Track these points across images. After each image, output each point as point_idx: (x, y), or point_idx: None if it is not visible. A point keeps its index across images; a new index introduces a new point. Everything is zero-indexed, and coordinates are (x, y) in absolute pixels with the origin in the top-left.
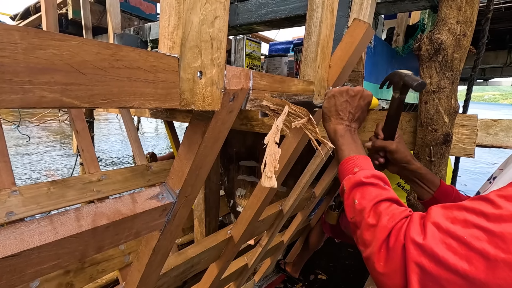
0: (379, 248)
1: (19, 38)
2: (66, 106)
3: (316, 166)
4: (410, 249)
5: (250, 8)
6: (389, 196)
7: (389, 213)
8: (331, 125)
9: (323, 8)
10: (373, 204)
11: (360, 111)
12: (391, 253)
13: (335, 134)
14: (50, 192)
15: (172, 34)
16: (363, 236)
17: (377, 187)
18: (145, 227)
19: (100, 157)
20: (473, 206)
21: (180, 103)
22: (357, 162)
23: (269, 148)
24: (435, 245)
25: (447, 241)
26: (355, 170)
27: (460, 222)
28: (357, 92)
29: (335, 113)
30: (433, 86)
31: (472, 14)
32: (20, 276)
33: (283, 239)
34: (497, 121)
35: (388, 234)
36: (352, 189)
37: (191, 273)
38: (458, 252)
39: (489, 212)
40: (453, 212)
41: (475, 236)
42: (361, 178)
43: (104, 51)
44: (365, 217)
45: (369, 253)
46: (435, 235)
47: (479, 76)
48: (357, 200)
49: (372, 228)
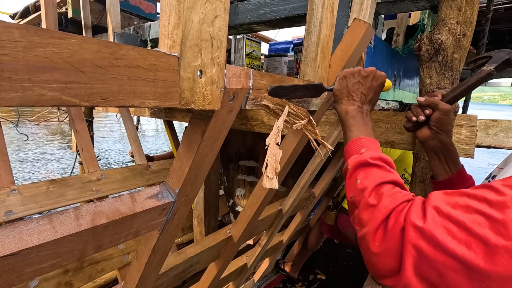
0: (376, 228)
1: (18, 36)
2: (65, 105)
3: (315, 166)
4: (409, 231)
5: (250, 8)
6: (393, 179)
7: (391, 195)
8: (343, 106)
9: (323, 8)
10: (375, 185)
11: (373, 92)
12: (389, 234)
13: (346, 115)
14: (49, 191)
15: (172, 33)
16: (361, 215)
17: (382, 169)
18: (145, 226)
19: (99, 156)
20: (475, 193)
21: (180, 102)
22: (365, 143)
23: (270, 149)
24: (434, 229)
25: (447, 225)
26: (362, 151)
27: (461, 207)
28: (369, 72)
29: (347, 94)
30: (433, 86)
31: (472, 15)
32: (19, 275)
33: (282, 239)
34: (497, 122)
35: (388, 215)
36: (356, 168)
37: (190, 272)
38: (457, 236)
39: (492, 198)
40: (454, 197)
41: (476, 221)
42: (367, 159)
43: (104, 50)
44: (365, 196)
45: (365, 232)
46: (435, 219)
47: None
48: (359, 179)
49: (371, 208)
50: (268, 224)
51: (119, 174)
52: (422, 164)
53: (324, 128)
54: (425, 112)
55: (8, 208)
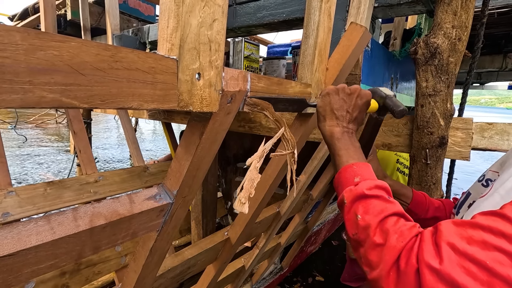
0: (388, 271)
1: (20, 39)
2: (65, 106)
3: (313, 168)
4: (426, 275)
5: (248, 11)
6: (395, 211)
7: (397, 231)
8: (326, 127)
9: (320, 11)
10: (379, 221)
11: (358, 110)
12: (403, 277)
13: (332, 138)
14: (47, 193)
15: (170, 36)
16: (368, 256)
17: (381, 199)
18: (142, 227)
19: (97, 158)
20: (489, 225)
21: (178, 104)
22: (357, 170)
23: (249, 172)
24: (453, 270)
25: (465, 265)
26: (356, 180)
27: (477, 243)
28: (354, 90)
29: (330, 112)
30: (429, 89)
31: (467, 19)
32: (17, 276)
33: (280, 241)
34: (492, 125)
35: (398, 255)
36: (354, 202)
37: (188, 274)
38: (479, 278)
39: (510, 232)
40: (467, 230)
41: (497, 260)
42: (363, 190)
43: (103, 53)
44: (370, 235)
45: (377, 276)
46: (451, 258)
47: (476, 80)
48: (360, 215)
49: (379, 248)
50: (266, 226)
51: (117, 176)
52: (419, 166)
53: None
54: None
55: (5, 210)
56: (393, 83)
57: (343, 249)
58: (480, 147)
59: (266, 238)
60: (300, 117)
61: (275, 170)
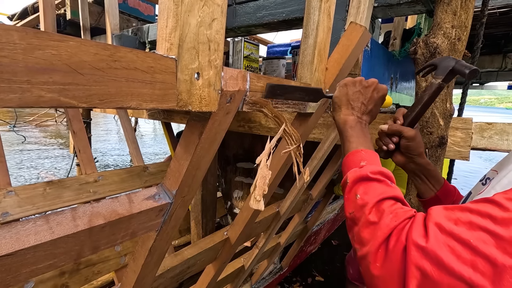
0: (377, 248)
1: (18, 38)
2: (63, 106)
3: (313, 168)
4: (411, 252)
5: (248, 11)
6: (394, 195)
7: (393, 212)
8: (341, 115)
9: (320, 11)
10: (376, 201)
11: (373, 103)
12: (390, 254)
13: (345, 125)
14: (46, 193)
15: (169, 35)
16: (361, 233)
17: (383, 183)
18: (142, 227)
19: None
20: (478, 208)
21: (177, 104)
22: (365, 156)
23: (260, 170)
24: (438, 248)
25: (450, 243)
26: (362, 164)
27: (464, 223)
28: (371, 83)
29: (346, 103)
30: None
31: (467, 19)
32: (15, 275)
33: (280, 241)
34: (492, 125)
35: (389, 233)
36: (356, 182)
37: (188, 274)
38: (462, 256)
39: (497, 215)
40: (455, 213)
41: (481, 239)
42: (367, 173)
43: (102, 52)
44: (366, 213)
45: (366, 252)
46: (438, 237)
47: (475, 80)
48: (359, 194)
49: (372, 226)
50: (265, 226)
51: (117, 175)
52: None
53: (321, 131)
54: (392, 140)
55: (5, 210)
56: (392, 83)
57: (343, 249)
58: (480, 147)
59: (265, 238)
60: (300, 117)
61: (275, 169)
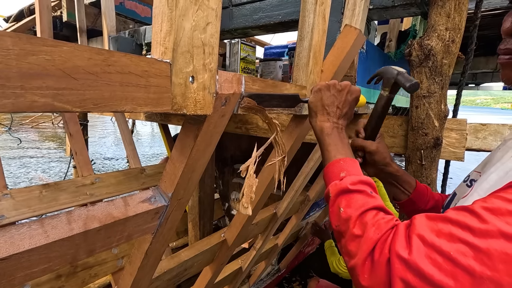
0: (364, 261)
1: (11, 44)
2: (57, 111)
3: (309, 169)
4: (395, 264)
5: (245, 13)
6: (375, 205)
7: (375, 224)
8: (318, 122)
9: (315, 14)
10: (359, 214)
11: (348, 106)
12: (376, 266)
13: (322, 133)
14: (42, 196)
15: (164, 39)
16: (348, 246)
17: (364, 194)
18: (137, 230)
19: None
20: (458, 219)
21: (172, 108)
22: (344, 165)
23: (247, 179)
24: (420, 260)
25: (432, 255)
26: (342, 175)
27: (445, 235)
28: (344, 86)
29: (321, 108)
30: (424, 91)
31: (461, 21)
32: (10, 280)
33: (277, 242)
34: (486, 126)
35: (374, 246)
36: (338, 196)
37: (185, 276)
38: (443, 268)
39: (475, 226)
40: (438, 224)
41: (461, 251)
42: (347, 185)
43: (95, 57)
44: (350, 226)
45: (354, 264)
46: (420, 249)
47: (471, 81)
48: (342, 208)
49: (357, 239)
50: (262, 228)
51: (113, 178)
52: (414, 167)
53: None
54: (358, 154)
55: (0, 213)
56: None
57: None
58: (474, 148)
59: (263, 239)
60: (296, 118)
61: (271, 171)
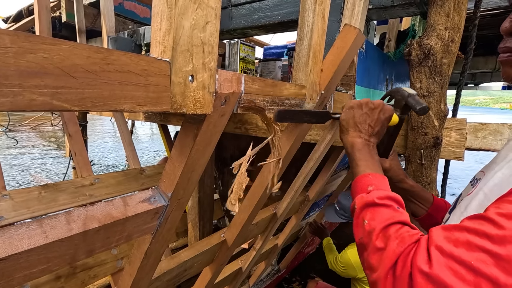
0: (386, 274)
1: (9, 42)
2: (56, 109)
3: (309, 170)
4: (417, 278)
5: (244, 13)
6: (401, 219)
7: (399, 237)
8: (349, 138)
9: (314, 13)
10: (383, 227)
11: (380, 125)
12: (398, 281)
13: (352, 148)
14: (41, 196)
15: (163, 38)
16: (370, 259)
17: (391, 208)
18: (137, 230)
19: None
20: (474, 227)
21: (171, 107)
22: (373, 180)
23: (238, 176)
24: (441, 273)
25: (453, 266)
26: (369, 189)
27: (463, 244)
28: (377, 105)
29: (353, 125)
30: (423, 90)
31: (460, 21)
32: (8, 280)
33: (277, 243)
34: (486, 125)
35: (396, 260)
36: (363, 208)
37: (184, 277)
38: (465, 278)
39: (492, 233)
40: (454, 233)
41: (481, 260)
42: (374, 199)
43: (94, 55)
44: (373, 239)
45: (376, 278)
46: (440, 261)
47: (470, 81)
48: (367, 220)
49: (379, 252)
50: (262, 228)
51: (113, 178)
52: (414, 166)
53: (317, 132)
54: None
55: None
56: (388, 84)
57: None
58: (474, 147)
59: (263, 239)
60: None
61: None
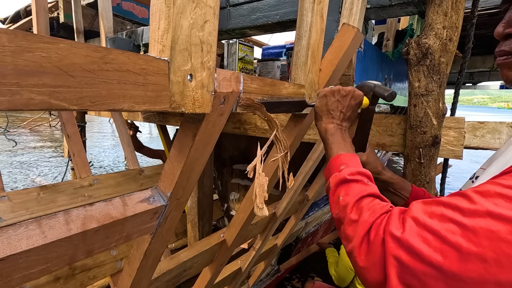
0: (360, 243)
1: (7, 41)
2: (54, 109)
3: (308, 169)
4: (389, 243)
5: (242, 13)
6: (371, 192)
7: (370, 208)
8: (323, 124)
9: (313, 13)
10: (355, 200)
11: (351, 110)
12: (371, 247)
13: (326, 133)
14: (40, 198)
15: (162, 37)
16: (346, 231)
17: (361, 183)
18: (136, 230)
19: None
20: (450, 201)
21: (170, 106)
22: (344, 159)
23: (257, 179)
24: (411, 238)
25: (423, 234)
26: (341, 168)
27: (437, 216)
28: (348, 92)
29: (327, 112)
30: (421, 89)
31: (458, 20)
32: (7, 281)
33: (276, 243)
34: (484, 124)
35: (369, 228)
36: (337, 186)
37: (184, 277)
38: (433, 245)
39: (465, 207)
40: (431, 207)
41: (450, 230)
42: (345, 176)
43: (93, 54)
44: (347, 212)
45: (351, 248)
46: (412, 229)
47: (468, 80)
48: (341, 196)
49: (354, 223)
50: (262, 228)
51: (112, 179)
52: (413, 165)
53: (316, 131)
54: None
55: None
56: (386, 84)
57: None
58: (473, 146)
59: (262, 239)
60: (295, 118)
61: (270, 171)
